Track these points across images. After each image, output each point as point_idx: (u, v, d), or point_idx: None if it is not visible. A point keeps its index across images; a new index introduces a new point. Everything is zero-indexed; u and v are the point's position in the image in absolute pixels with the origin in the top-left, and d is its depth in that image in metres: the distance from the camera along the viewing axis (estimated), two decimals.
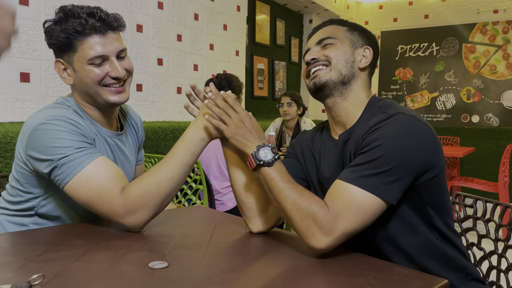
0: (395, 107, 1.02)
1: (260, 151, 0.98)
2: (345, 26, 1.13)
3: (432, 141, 0.95)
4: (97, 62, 1.10)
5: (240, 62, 4.06)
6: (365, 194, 0.89)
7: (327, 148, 1.13)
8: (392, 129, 0.94)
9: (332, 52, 1.08)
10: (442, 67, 5.53)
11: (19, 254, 0.91)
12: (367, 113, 1.06)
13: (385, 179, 0.90)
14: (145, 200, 1.03)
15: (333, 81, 1.07)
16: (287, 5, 5.39)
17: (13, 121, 2.22)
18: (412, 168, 0.92)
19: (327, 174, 1.10)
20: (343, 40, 1.10)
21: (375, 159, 0.91)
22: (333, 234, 0.88)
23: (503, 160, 3.90)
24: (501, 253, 1.21)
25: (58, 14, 1.10)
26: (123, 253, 0.92)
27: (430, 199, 0.99)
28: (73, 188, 1.04)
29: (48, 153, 1.04)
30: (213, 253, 0.95)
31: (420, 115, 1.00)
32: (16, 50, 2.22)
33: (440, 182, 0.98)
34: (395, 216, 0.98)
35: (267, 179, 0.97)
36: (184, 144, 1.07)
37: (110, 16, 1.12)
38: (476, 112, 5.36)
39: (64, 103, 1.16)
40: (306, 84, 1.14)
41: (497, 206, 1.25)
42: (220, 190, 2.40)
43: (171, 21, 3.22)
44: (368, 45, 1.12)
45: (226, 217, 1.31)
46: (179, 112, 3.38)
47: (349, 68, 1.08)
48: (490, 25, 5.24)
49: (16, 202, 1.18)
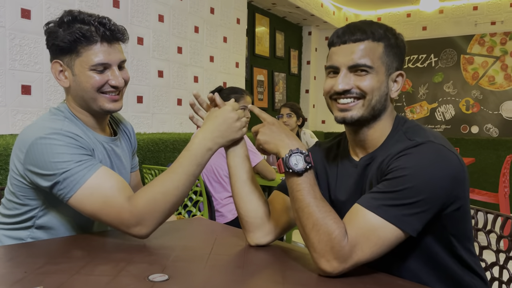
0: (422, 134, 0.96)
1: (292, 157, 0.92)
2: (382, 42, 0.98)
3: (460, 174, 0.91)
4: (99, 69, 1.13)
5: (240, 73, 4.08)
6: (385, 225, 0.86)
7: (345, 169, 1.08)
8: (420, 159, 0.89)
9: (368, 84, 0.96)
10: (440, 78, 5.56)
11: (19, 267, 0.91)
12: (391, 138, 1.00)
13: (408, 211, 0.86)
14: (152, 207, 1.03)
15: (366, 117, 0.99)
16: (286, 17, 5.44)
17: (14, 133, 2.23)
18: (437, 202, 0.88)
19: (342, 197, 1.05)
20: (380, 68, 0.97)
21: (400, 190, 0.87)
22: (347, 263, 0.85)
23: (503, 171, 3.90)
24: (502, 264, 1.21)
25: (66, 17, 1.12)
26: (123, 265, 0.91)
27: (452, 229, 0.95)
28: (78, 201, 1.04)
29: (49, 168, 1.03)
30: (214, 265, 0.95)
31: (449, 143, 0.94)
32: (18, 63, 2.23)
33: (464, 212, 0.94)
34: (414, 245, 0.94)
35: (293, 189, 0.93)
36: (189, 154, 1.07)
37: (118, 27, 1.15)
38: (475, 123, 5.38)
39: (59, 114, 1.16)
40: (329, 107, 1.04)
41: (498, 217, 1.25)
42: (220, 201, 2.39)
43: (172, 33, 3.24)
44: (401, 66, 1.01)
45: (227, 229, 1.30)
46: (180, 123, 3.39)
47: (383, 102, 0.99)
48: (488, 36, 5.28)
49: (13, 215, 1.17)
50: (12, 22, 2.20)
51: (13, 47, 2.21)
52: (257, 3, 4.86)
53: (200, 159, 1.07)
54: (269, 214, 1.11)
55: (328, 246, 0.85)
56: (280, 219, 1.10)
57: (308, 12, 5.17)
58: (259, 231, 1.09)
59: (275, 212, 1.11)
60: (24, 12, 2.25)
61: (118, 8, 2.79)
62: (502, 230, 1.22)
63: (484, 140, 5.25)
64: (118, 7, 2.80)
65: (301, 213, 0.91)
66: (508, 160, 4.01)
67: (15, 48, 2.21)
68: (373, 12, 6.00)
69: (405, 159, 0.90)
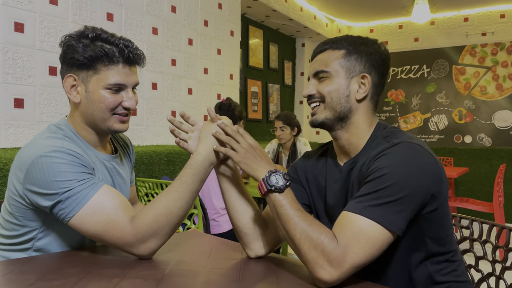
0: (400, 136, 1.00)
1: (271, 176, 0.97)
2: (342, 50, 1.05)
3: (436, 172, 0.93)
4: (115, 88, 1.12)
5: (234, 85, 4.09)
6: (372, 225, 0.87)
7: (332, 174, 1.11)
8: (397, 157, 0.92)
9: (325, 88, 1.04)
10: (433, 89, 5.61)
11: (11, 284, 0.89)
12: (372, 142, 1.04)
13: (391, 208, 0.88)
14: (155, 230, 1.02)
15: (329, 119, 1.05)
16: (280, 29, 5.48)
17: (6, 147, 2.21)
18: (418, 199, 0.90)
19: (331, 201, 1.08)
20: (337, 72, 1.04)
21: (382, 189, 0.89)
22: (342, 267, 0.85)
23: (497, 180, 3.92)
24: (499, 274, 1.20)
25: (91, 34, 1.11)
26: (117, 281, 0.90)
27: (429, 231, 0.96)
28: (79, 222, 1.02)
29: (51, 187, 1.01)
30: (209, 280, 0.94)
31: (425, 144, 0.97)
32: (11, 76, 2.22)
33: (441, 215, 0.96)
34: (393, 249, 0.95)
35: (276, 205, 0.95)
36: (193, 172, 1.06)
37: (139, 51, 1.17)
38: (468, 133, 5.42)
39: (58, 132, 1.14)
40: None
41: (493, 227, 1.25)
42: (220, 211, 2.38)
43: (166, 46, 3.25)
44: (367, 70, 1.05)
45: (222, 242, 1.29)
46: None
47: (343, 103, 1.04)
48: (479, 47, 5.35)
49: (11, 236, 1.14)
50: (5, 36, 2.19)
51: (6, 61, 2.20)
52: (251, 16, 4.90)
53: (203, 175, 1.07)
54: (265, 225, 1.11)
55: (319, 251, 0.86)
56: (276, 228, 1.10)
57: (301, 24, 5.22)
58: (257, 242, 1.09)
59: (272, 222, 1.11)
60: (18, 26, 2.25)
61: (112, 21, 2.80)
62: (497, 240, 1.22)
63: (477, 149, 5.28)
64: (112, 20, 2.81)
65: (287, 226, 0.92)
66: (502, 170, 4.04)
67: (8, 61, 2.21)
68: (366, 24, 6.06)
69: (383, 159, 0.93)
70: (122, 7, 2.87)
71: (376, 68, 1.05)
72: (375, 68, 1.05)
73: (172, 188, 1.06)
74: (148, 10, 3.08)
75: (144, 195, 2.47)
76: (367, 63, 1.04)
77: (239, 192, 1.11)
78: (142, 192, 2.49)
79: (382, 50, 1.06)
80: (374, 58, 1.05)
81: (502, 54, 5.23)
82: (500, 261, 1.19)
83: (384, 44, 1.09)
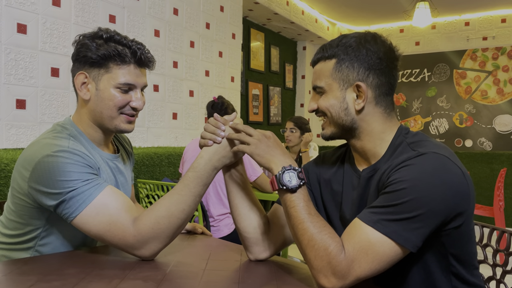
0: (427, 144, 0.92)
1: (285, 174, 0.92)
2: (333, 59, 0.98)
3: (463, 187, 0.86)
4: (124, 88, 1.15)
5: (235, 88, 4.10)
6: (384, 240, 0.83)
7: (349, 180, 1.05)
8: (421, 171, 0.85)
9: (323, 103, 1.00)
10: (434, 93, 5.61)
11: (10, 285, 0.89)
12: (394, 148, 0.97)
13: (408, 225, 0.83)
14: (156, 232, 1.02)
15: (336, 132, 1.01)
16: (281, 32, 5.50)
17: (8, 147, 2.21)
18: (438, 217, 0.84)
19: (347, 211, 1.03)
20: (331, 86, 0.98)
21: (399, 204, 0.83)
22: (346, 280, 0.83)
23: (497, 185, 3.92)
24: (499, 278, 1.20)
25: (105, 34, 1.13)
26: (117, 282, 0.90)
27: (451, 248, 0.91)
28: (83, 221, 1.02)
29: (56, 186, 1.02)
30: (209, 281, 0.94)
31: (454, 155, 0.90)
32: (13, 77, 2.23)
33: (466, 231, 0.91)
34: (413, 261, 0.91)
35: (288, 205, 0.92)
36: (196, 175, 1.05)
37: (150, 55, 1.20)
38: (469, 137, 5.42)
39: (63, 131, 1.15)
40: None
41: (493, 231, 1.25)
42: (216, 217, 2.38)
43: (167, 48, 3.26)
44: (362, 76, 0.96)
45: (222, 244, 1.29)
46: (175, 137, 3.38)
47: (343, 117, 0.99)
48: (480, 51, 5.35)
49: (14, 235, 1.14)
50: (8, 37, 2.20)
51: (8, 62, 2.20)
52: (252, 19, 4.91)
53: (206, 179, 1.06)
54: (268, 229, 1.10)
55: (325, 261, 0.84)
56: (280, 232, 1.09)
57: (303, 28, 5.23)
58: (258, 246, 1.09)
59: (275, 226, 1.10)
60: (20, 27, 2.25)
61: (114, 23, 2.81)
62: (498, 244, 1.22)
63: (478, 153, 5.28)
64: (114, 22, 2.81)
65: (296, 230, 0.90)
66: (502, 174, 4.03)
67: (10, 62, 2.21)
68: (367, 27, 6.07)
69: (405, 170, 0.86)
70: (125, 9, 2.88)
71: (374, 69, 0.96)
72: (372, 70, 0.96)
73: (175, 191, 1.06)
74: (150, 12, 3.08)
75: (145, 197, 2.48)
76: (361, 68, 0.96)
77: (245, 195, 1.10)
78: (143, 193, 2.49)
79: (377, 47, 0.96)
80: (368, 60, 0.96)
81: (503, 59, 5.23)
82: (501, 265, 1.19)
83: (382, 36, 0.99)
